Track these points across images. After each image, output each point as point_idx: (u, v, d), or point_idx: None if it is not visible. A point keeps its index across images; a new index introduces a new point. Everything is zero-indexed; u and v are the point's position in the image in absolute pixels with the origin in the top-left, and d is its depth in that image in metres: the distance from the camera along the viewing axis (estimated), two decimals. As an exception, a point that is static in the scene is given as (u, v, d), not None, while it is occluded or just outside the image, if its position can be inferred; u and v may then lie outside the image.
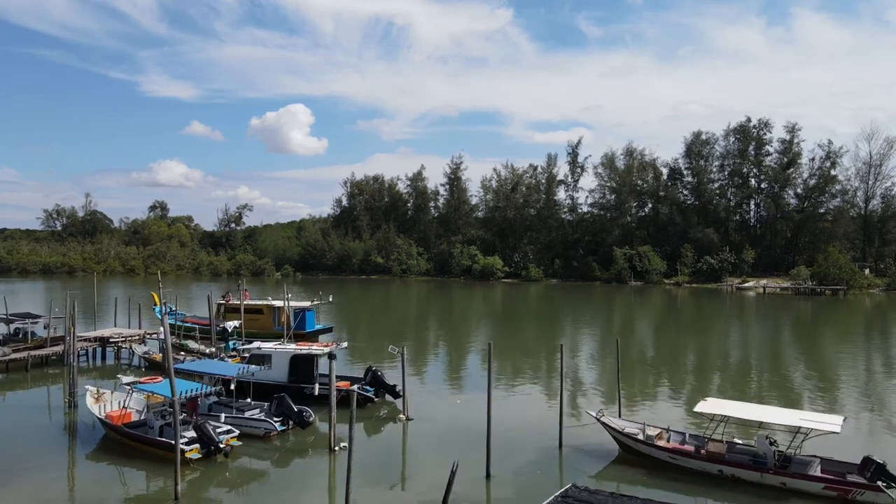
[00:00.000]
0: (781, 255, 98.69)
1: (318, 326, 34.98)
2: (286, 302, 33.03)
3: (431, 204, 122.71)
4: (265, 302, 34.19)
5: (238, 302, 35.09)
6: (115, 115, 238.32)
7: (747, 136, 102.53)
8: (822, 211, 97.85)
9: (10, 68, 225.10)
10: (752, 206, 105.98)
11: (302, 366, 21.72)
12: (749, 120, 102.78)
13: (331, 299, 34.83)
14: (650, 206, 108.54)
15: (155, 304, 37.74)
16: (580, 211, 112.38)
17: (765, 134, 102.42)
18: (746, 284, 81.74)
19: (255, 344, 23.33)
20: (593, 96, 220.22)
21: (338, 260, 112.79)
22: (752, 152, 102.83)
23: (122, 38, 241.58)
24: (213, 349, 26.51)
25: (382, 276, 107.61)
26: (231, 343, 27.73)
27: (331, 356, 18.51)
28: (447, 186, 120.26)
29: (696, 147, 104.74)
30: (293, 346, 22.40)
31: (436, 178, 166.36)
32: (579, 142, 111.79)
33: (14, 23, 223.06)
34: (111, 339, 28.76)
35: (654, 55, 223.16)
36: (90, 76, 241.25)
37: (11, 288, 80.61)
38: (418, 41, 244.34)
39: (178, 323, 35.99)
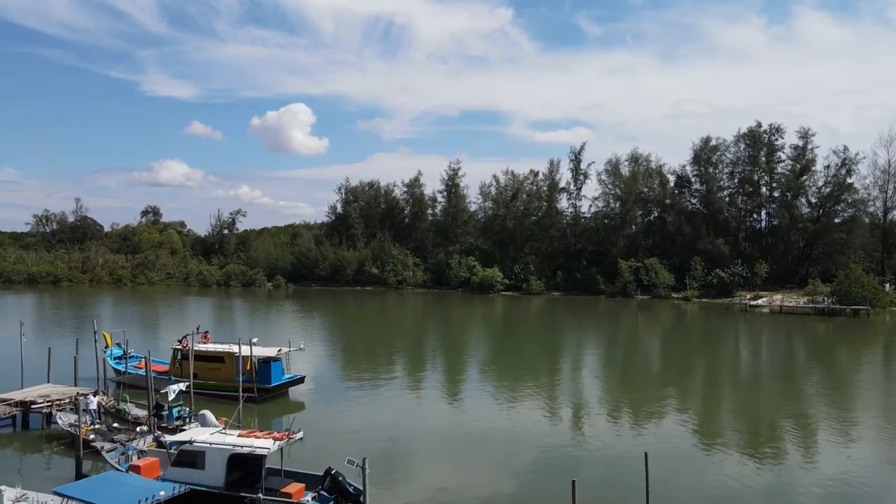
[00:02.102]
0: (793, 266, 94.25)
1: (286, 378, 30.54)
2: (242, 348, 28.91)
3: (429, 211, 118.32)
4: (226, 349, 29.84)
5: (198, 346, 30.90)
6: (115, 114, 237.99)
7: (758, 142, 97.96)
8: (837, 221, 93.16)
9: (11, 68, 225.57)
10: (764, 216, 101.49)
11: (243, 466, 17.47)
12: (759, 125, 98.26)
13: (301, 346, 30.47)
14: (656, 214, 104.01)
15: (106, 346, 33.42)
16: (583, 220, 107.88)
17: (776, 139, 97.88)
18: (760, 300, 77.23)
19: (187, 433, 18.98)
20: (594, 95, 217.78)
21: (331, 270, 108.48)
22: (764, 159, 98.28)
23: (123, 38, 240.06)
24: (145, 427, 22.21)
25: (378, 288, 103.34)
26: (175, 411, 23.44)
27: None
28: (445, 193, 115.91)
29: (705, 153, 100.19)
30: (234, 435, 18.09)
31: (434, 180, 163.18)
32: (582, 147, 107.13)
33: (14, 22, 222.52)
34: (33, 406, 24.21)
35: (655, 54, 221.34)
36: (91, 76, 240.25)
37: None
38: (418, 40, 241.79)
39: (131, 370, 31.78)
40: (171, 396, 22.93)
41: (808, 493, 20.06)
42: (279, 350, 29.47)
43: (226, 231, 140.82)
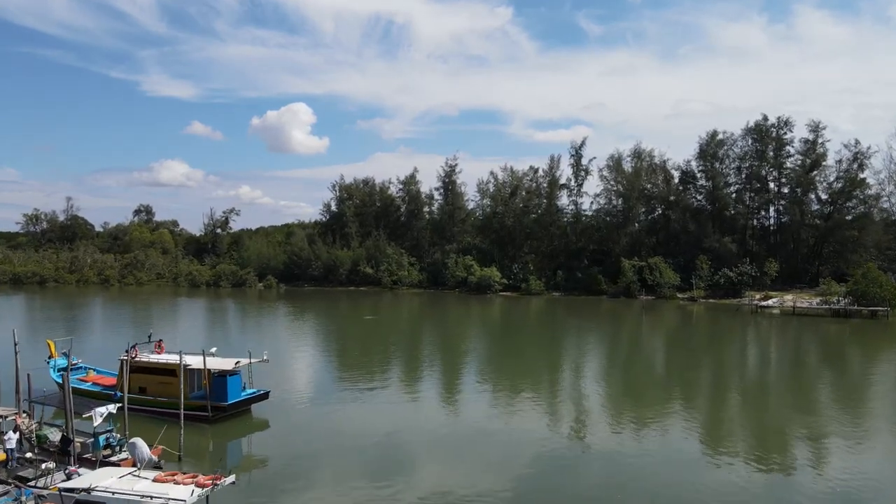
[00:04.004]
0: (803, 265, 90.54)
1: (245, 394, 26.95)
2: (192, 359, 25.48)
3: (426, 209, 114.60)
4: (177, 360, 26.31)
5: (147, 357, 27.42)
6: (116, 114, 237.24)
7: (766, 136, 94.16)
8: (849, 218, 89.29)
9: (11, 68, 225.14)
10: (773, 212, 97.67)
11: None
12: (766, 118, 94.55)
13: (265, 357, 26.92)
14: (660, 212, 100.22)
15: (50, 356, 29.92)
16: (584, 217, 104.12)
17: (785, 133, 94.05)
18: (770, 301, 73.59)
19: (86, 478, 15.33)
20: (594, 95, 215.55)
21: (324, 270, 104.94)
22: (772, 153, 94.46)
23: (123, 38, 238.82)
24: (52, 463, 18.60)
25: (372, 288, 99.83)
26: (102, 439, 19.92)
27: None
28: (442, 190, 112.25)
29: (711, 148, 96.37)
30: (149, 479, 14.57)
31: (433, 180, 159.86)
32: (583, 142, 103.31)
33: (14, 22, 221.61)
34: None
35: (655, 53, 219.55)
36: (91, 76, 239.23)
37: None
38: (418, 40, 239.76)
39: (73, 384, 28.29)
40: (98, 421, 19.44)
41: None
42: (237, 363, 25.84)
43: (219, 230, 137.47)
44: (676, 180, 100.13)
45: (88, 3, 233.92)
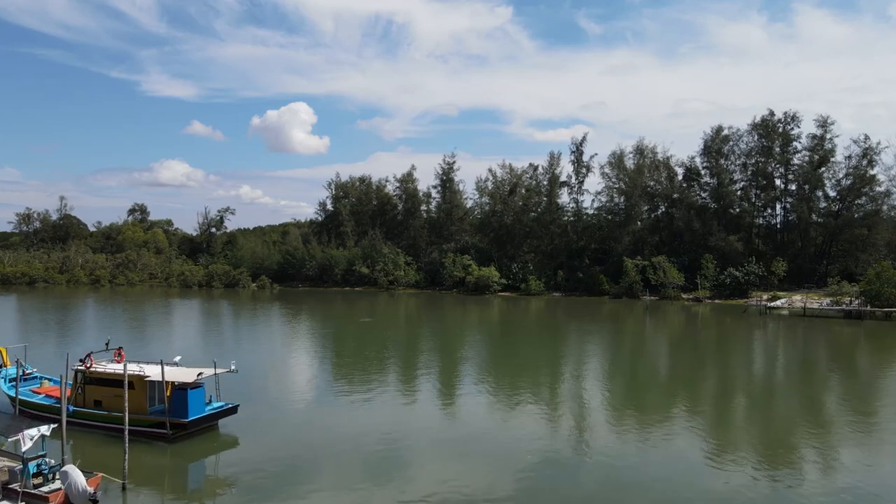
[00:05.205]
0: (810, 264, 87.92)
1: (210, 409, 24.32)
2: (150, 369, 22.96)
3: (423, 208, 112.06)
4: (137, 371, 23.78)
5: (103, 368, 24.89)
6: (116, 114, 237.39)
7: (772, 132, 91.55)
8: (858, 216, 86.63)
9: (12, 68, 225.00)
10: (779, 210, 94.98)
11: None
12: (772, 114, 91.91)
13: (232, 367, 24.32)
14: (663, 209, 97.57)
15: (2, 365, 27.40)
16: (585, 216, 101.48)
17: (792, 129, 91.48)
18: (778, 302, 70.97)
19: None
20: (594, 94, 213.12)
21: (319, 269, 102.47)
22: (779, 149, 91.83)
23: (122, 38, 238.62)
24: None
25: (368, 288, 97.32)
26: (33, 466, 17.35)
27: None
28: (439, 188, 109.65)
29: (716, 144, 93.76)
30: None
31: (431, 179, 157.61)
32: (584, 138, 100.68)
33: (14, 23, 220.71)
34: None
35: (655, 52, 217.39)
36: (91, 76, 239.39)
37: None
38: (418, 39, 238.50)
39: (22, 395, 25.84)
40: (27, 445, 16.89)
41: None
42: (199, 374, 23.26)
43: (214, 230, 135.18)
44: (680, 177, 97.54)
45: (88, 3, 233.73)
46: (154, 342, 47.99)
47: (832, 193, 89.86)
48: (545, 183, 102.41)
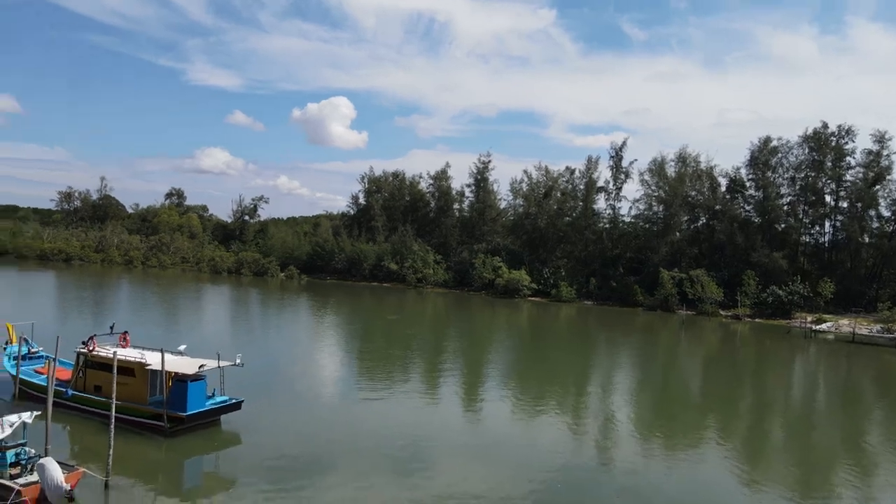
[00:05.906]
0: (859, 287, 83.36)
1: (211, 404, 22.97)
2: (151, 356, 21.77)
3: (456, 206, 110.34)
4: (138, 358, 22.65)
5: (106, 352, 23.83)
6: (161, 101, 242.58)
7: (824, 146, 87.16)
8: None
9: (66, 53, 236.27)
10: (828, 228, 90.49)
11: None
12: (826, 126, 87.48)
13: (238, 361, 23.00)
14: (704, 221, 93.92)
15: (8, 342, 26.64)
16: (622, 223, 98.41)
17: (846, 143, 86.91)
18: (824, 325, 67.23)
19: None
20: (637, 100, 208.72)
21: (348, 263, 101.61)
22: (830, 164, 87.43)
23: (171, 27, 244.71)
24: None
25: (396, 285, 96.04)
26: (11, 454, 16.23)
27: None
28: (473, 187, 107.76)
29: (763, 156, 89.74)
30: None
31: (466, 178, 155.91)
32: (624, 143, 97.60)
33: (70, 9, 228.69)
34: None
35: (701, 61, 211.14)
36: (139, 63, 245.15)
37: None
38: (459, 38, 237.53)
39: (23, 375, 24.99)
40: (5, 432, 15.74)
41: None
42: (201, 365, 21.96)
43: (247, 217, 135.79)
44: (723, 188, 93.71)
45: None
46: (174, 327, 47.39)
47: (886, 213, 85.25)
48: (581, 187, 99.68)
